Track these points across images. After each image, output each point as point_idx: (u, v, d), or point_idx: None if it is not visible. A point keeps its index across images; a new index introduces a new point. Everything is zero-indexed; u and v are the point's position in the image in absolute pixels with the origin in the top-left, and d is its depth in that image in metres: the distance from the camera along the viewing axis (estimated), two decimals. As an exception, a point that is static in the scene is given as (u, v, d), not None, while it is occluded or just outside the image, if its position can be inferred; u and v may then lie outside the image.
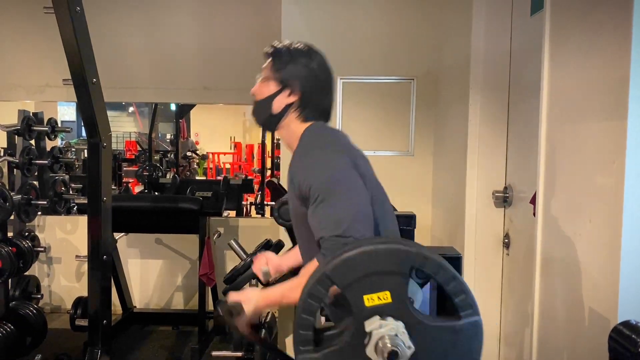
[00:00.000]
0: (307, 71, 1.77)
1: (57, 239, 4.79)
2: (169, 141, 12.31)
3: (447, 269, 1.18)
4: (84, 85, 2.45)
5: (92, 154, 2.54)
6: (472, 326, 1.19)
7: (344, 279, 1.18)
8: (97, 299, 2.61)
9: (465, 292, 1.19)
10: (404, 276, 1.18)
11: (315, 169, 1.63)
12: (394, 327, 1.15)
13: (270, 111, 1.78)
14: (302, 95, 1.76)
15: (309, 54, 1.81)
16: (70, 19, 2.36)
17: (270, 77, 1.78)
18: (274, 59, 1.79)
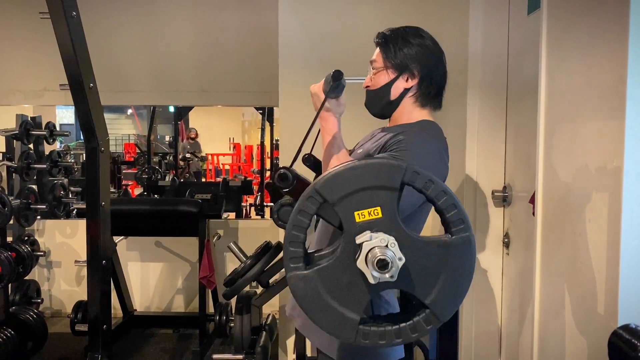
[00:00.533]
0: (423, 51, 1.75)
1: (56, 243, 4.79)
2: (168, 143, 12.31)
3: (437, 183, 1.16)
4: (81, 90, 2.45)
5: (90, 158, 2.54)
6: (462, 240, 1.18)
7: (334, 194, 1.17)
8: (97, 304, 2.61)
9: (457, 207, 1.17)
10: (394, 191, 1.17)
11: (423, 146, 1.61)
12: (384, 239, 1.14)
13: (388, 98, 1.77)
14: (421, 77, 1.75)
15: (419, 33, 1.79)
16: (66, 23, 2.36)
17: (386, 66, 1.75)
18: (386, 47, 1.76)
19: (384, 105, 1.78)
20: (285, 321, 3.60)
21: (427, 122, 1.77)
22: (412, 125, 1.73)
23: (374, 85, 1.79)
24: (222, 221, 4.71)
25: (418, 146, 1.60)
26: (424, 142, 1.64)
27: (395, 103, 1.77)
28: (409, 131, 1.66)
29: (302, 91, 3.51)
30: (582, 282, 1.66)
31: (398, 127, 1.74)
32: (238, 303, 3.06)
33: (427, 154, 1.62)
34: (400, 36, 1.76)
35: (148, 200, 5.50)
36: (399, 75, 1.74)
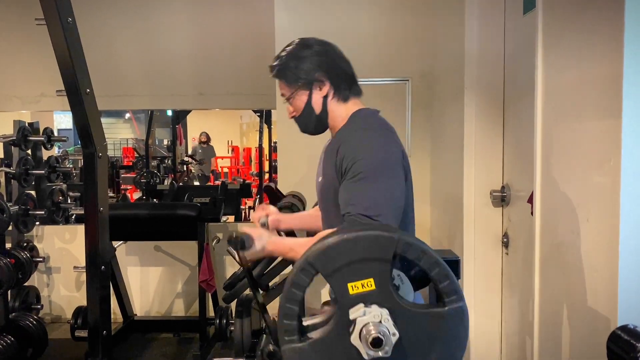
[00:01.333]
0: (316, 57, 1.78)
1: (55, 249, 4.77)
2: (166, 147, 12.30)
3: (430, 254, 1.17)
4: (78, 96, 2.45)
5: (87, 164, 2.54)
6: (456, 312, 1.18)
7: (327, 266, 1.17)
8: (97, 310, 2.60)
9: (449, 278, 1.17)
10: (387, 262, 1.17)
11: (367, 146, 1.64)
12: (377, 314, 1.14)
13: (315, 114, 1.80)
14: (329, 79, 1.78)
15: (304, 43, 1.82)
16: (62, 29, 2.36)
17: (295, 90, 1.79)
18: (284, 75, 1.80)
19: (316, 122, 1.82)
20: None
21: (356, 114, 1.79)
22: (345, 128, 1.76)
23: (297, 112, 1.83)
24: (221, 224, 4.70)
25: (361, 149, 1.63)
26: (363, 139, 1.66)
27: (323, 114, 1.81)
28: (346, 139, 1.69)
29: (299, 93, 3.54)
30: (581, 281, 1.66)
31: (337, 139, 1.76)
32: (238, 306, 3.05)
33: (373, 149, 1.63)
34: (290, 58, 1.80)
35: (147, 205, 5.49)
36: (311, 90, 1.78)
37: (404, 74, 3.59)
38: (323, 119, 1.81)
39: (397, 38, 3.59)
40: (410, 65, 3.58)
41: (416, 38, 3.57)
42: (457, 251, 3.01)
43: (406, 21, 3.59)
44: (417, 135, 3.62)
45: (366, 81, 3.52)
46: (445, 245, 3.31)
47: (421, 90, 3.59)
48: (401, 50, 3.58)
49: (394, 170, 1.62)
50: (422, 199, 3.63)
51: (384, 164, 1.61)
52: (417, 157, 3.62)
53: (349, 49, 3.53)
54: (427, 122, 3.61)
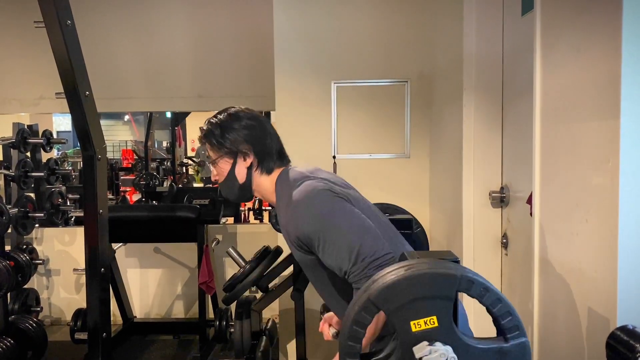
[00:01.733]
0: (244, 130, 1.83)
1: (55, 251, 4.78)
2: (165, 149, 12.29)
3: (492, 291, 1.18)
4: (77, 99, 2.45)
5: (87, 166, 2.53)
6: (519, 347, 1.19)
7: (390, 304, 1.18)
8: (96, 312, 2.60)
9: (512, 313, 1.19)
10: (450, 300, 1.18)
11: (300, 215, 1.67)
12: (443, 353, 1.15)
13: (238, 183, 1.84)
14: (255, 153, 1.83)
15: (234, 116, 1.86)
16: (61, 32, 2.35)
17: (219, 156, 1.84)
18: (210, 141, 1.85)
19: (240, 191, 1.86)
20: (285, 326, 3.60)
21: (279, 183, 1.83)
22: (282, 207, 1.78)
23: (220, 177, 1.88)
24: (220, 226, 4.71)
25: (315, 222, 1.64)
26: (308, 209, 1.67)
27: (247, 184, 1.85)
28: (292, 223, 1.70)
29: (298, 95, 3.55)
30: (581, 282, 1.67)
31: (282, 217, 1.78)
32: (238, 308, 3.06)
33: (318, 215, 1.65)
34: (218, 126, 1.84)
35: (146, 207, 5.49)
36: (236, 159, 1.83)
37: (403, 75, 3.59)
38: (247, 188, 1.85)
39: (396, 39, 3.59)
40: (409, 66, 3.58)
41: (415, 39, 3.57)
42: (457, 252, 3.00)
43: (405, 22, 3.59)
44: (416, 137, 3.63)
45: (365, 82, 3.57)
46: (445, 246, 3.32)
47: (420, 91, 3.59)
48: (400, 51, 3.59)
49: (337, 211, 1.64)
50: (421, 199, 3.63)
51: (323, 217, 1.63)
52: (416, 158, 3.62)
53: (348, 50, 3.58)
54: (426, 123, 3.61)
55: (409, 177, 3.64)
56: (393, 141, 3.64)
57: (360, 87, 3.59)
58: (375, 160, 3.59)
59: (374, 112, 3.62)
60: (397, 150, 3.64)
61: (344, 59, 3.59)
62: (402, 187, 3.61)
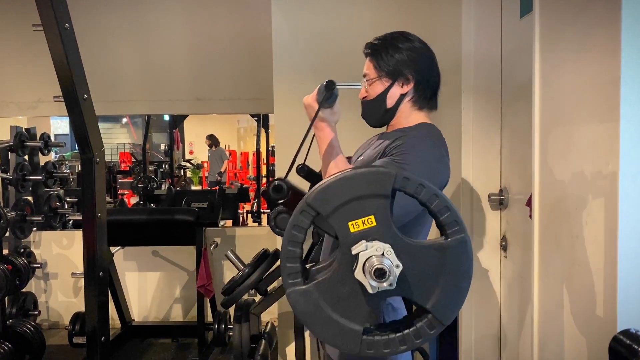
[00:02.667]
0: (414, 54, 1.75)
1: (53, 255, 4.77)
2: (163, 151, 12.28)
3: (428, 187, 1.16)
4: (76, 102, 2.44)
5: (85, 170, 2.53)
6: (459, 243, 1.18)
7: (327, 206, 1.16)
8: (95, 316, 2.59)
9: (450, 209, 1.17)
10: (386, 198, 1.17)
11: (423, 152, 1.61)
12: (380, 247, 1.14)
13: (385, 106, 1.76)
14: (416, 81, 1.75)
15: (407, 37, 1.78)
16: (59, 35, 2.35)
17: (378, 76, 1.75)
18: (377, 56, 1.75)
19: (382, 115, 1.77)
20: (284, 328, 3.59)
21: (425, 125, 1.76)
22: (410, 129, 1.73)
23: (370, 96, 1.78)
24: (219, 229, 4.70)
25: (418, 149, 1.60)
26: (424, 145, 1.64)
27: (392, 110, 1.76)
28: (408, 135, 1.66)
29: (296, 97, 3.52)
30: (581, 284, 1.66)
31: (396, 132, 1.74)
32: (237, 311, 3.06)
33: (428, 157, 1.61)
34: (389, 43, 1.76)
35: (144, 210, 5.49)
36: (394, 82, 1.74)
37: (402, 78, 3.58)
38: (390, 115, 1.77)
39: (394, 42, 3.58)
40: (407, 68, 3.57)
41: (413, 42, 3.56)
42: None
43: (403, 24, 3.56)
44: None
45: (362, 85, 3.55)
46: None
47: (418, 93, 3.58)
48: (398, 54, 3.57)
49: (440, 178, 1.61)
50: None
51: (427, 174, 1.56)
52: (414, 160, 3.61)
53: (347, 51, 3.56)
54: (425, 125, 3.60)
55: (407, 180, 3.62)
56: None
57: (359, 90, 3.58)
58: (373, 163, 3.58)
59: (372, 114, 3.61)
60: (396, 152, 3.62)
61: (343, 62, 3.58)
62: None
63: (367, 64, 1.79)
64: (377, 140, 1.78)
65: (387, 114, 1.77)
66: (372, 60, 1.77)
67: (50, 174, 3.98)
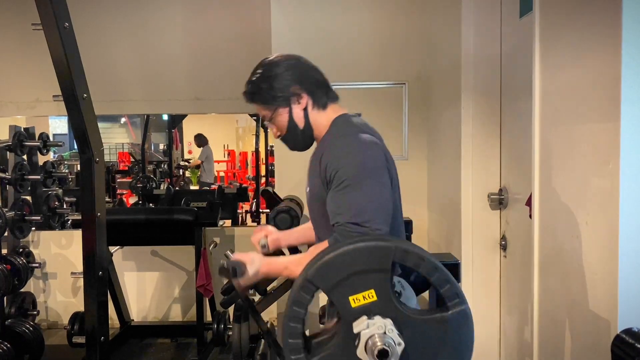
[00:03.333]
0: (288, 72, 1.77)
1: (52, 254, 4.75)
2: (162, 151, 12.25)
3: (428, 260, 1.17)
4: (75, 101, 2.43)
5: (84, 169, 2.52)
6: (460, 315, 1.18)
7: (327, 282, 1.17)
8: (94, 316, 2.59)
9: (450, 282, 1.18)
10: (386, 272, 1.17)
11: (348, 153, 1.63)
12: (381, 325, 1.14)
13: (299, 129, 1.78)
14: (307, 91, 1.76)
15: (272, 62, 1.80)
16: (58, 35, 2.34)
17: (274, 109, 1.77)
18: (259, 99, 1.79)
19: (303, 137, 1.80)
20: (283, 328, 3.59)
21: (336, 121, 1.78)
22: (327, 135, 1.75)
23: (282, 131, 1.81)
24: (218, 229, 4.69)
25: (343, 158, 1.61)
26: (343, 148, 1.65)
27: (307, 127, 1.79)
28: (329, 147, 1.67)
29: (296, 97, 3.53)
30: (581, 284, 1.66)
31: (320, 146, 1.76)
32: (236, 311, 3.04)
33: (355, 157, 1.62)
34: (259, 79, 1.78)
35: (143, 210, 5.47)
36: (290, 106, 1.76)
37: (401, 78, 3.59)
38: (308, 132, 1.79)
39: (393, 41, 3.59)
40: (406, 68, 3.58)
41: (413, 41, 3.57)
42: (455, 254, 3.01)
43: (403, 25, 3.59)
44: (414, 139, 3.62)
45: (363, 85, 3.56)
46: (443, 248, 3.31)
47: (418, 93, 3.59)
48: (398, 54, 3.58)
49: (377, 175, 1.61)
50: (419, 202, 3.63)
51: (366, 169, 1.59)
52: (414, 160, 3.62)
53: (346, 53, 3.57)
54: (424, 125, 3.61)
55: (407, 180, 3.59)
56: (391, 143, 3.53)
57: (358, 90, 3.59)
58: (373, 163, 3.58)
59: (371, 114, 3.58)
60: (395, 152, 3.57)
61: (342, 62, 3.59)
62: (401, 189, 3.59)
63: (258, 109, 1.83)
64: (313, 161, 1.78)
65: (306, 133, 1.79)
66: (258, 104, 1.80)
67: (49, 174, 3.96)
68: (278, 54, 1.83)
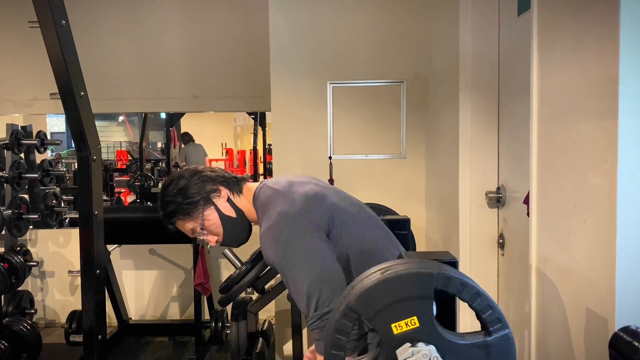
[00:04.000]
0: (195, 178, 1.81)
1: (49, 253, 4.75)
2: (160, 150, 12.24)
3: (471, 286, 1.18)
4: (72, 99, 2.43)
5: (82, 167, 2.51)
6: (502, 340, 1.19)
7: (369, 309, 1.18)
8: (92, 315, 2.58)
9: (492, 307, 1.19)
10: (428, 299, 1.18)
11: (268, 242, 1.68)
12: (426, 353, 1.15)
13: (234, 219, 1.82)
14: (221, 184, 1.82)
15: (175, 179, 1.83)
16: (55, 32, 2.33)
17: (200, 216, 1.79)
18: (180, 212, 1.80)
19: (242, 225, 1.86)
20: (281, 326, 3.59)
21: (257, 200, 1.82)
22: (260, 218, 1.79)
23: (218, 233, 1.84)
24: (216, 227, 4.69)
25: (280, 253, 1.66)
26: (274, 238, 1.68)
27: (239, 214, 1.84)
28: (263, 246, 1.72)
29: (293, 95, 3.54)
30: (578, 283, 1.66)
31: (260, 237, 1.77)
32: (234, 309, 3.04)
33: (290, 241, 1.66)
34: (175, 196, 1.80)
35: (141, 208, 5.48)
36: (213, 206, 1.80)
37: (399, 76, 3.59)
38: (244, 219, 1.84)
39: (391, 39, 3.59)
40: (405, 66, 3.58)
41: (411, 39, 3.57)
42: (453, 253, 2.98)
43: (401, 23, 3.59)
44: (412, 137, 3.62)
45: (361, 83, 3.56)
46: (441, 246, 3.31)
47: (416, 91, 3.59)
48: (396, 52, 3.58)
49: (298, 246, 1.64)
50: (417, 200, 3.63)
51: (286, 251, 1.64)
52: (412, 159, 3.62)
53: (344, 51, 3.57)
54: (422, 123, 3.60)
55: (404, 178, 3.63)
56: (389, 142, 3.64)
57: (356, 88, 3.59)
58: (371, 161, 3.58)
59: (369, 112, 3.61)
60: (393, 150, 3.63)
61: (340, 60, 3.59)
62: (398, 187, 3.60)
63: (185, 229, 1.85)
64: None
65: (243, 220, 1.85)
66: (182, 220, 1.82)
67: (47, 172, 3.96)
68: (173, 174, 1.88)
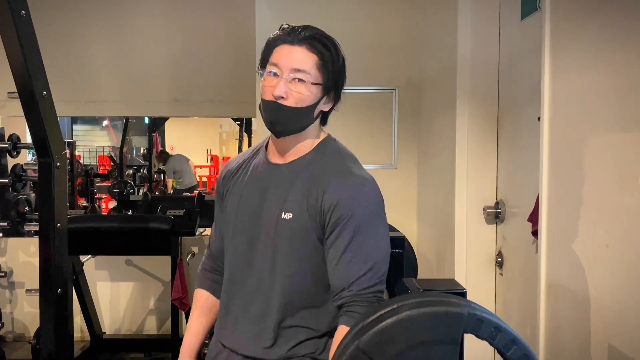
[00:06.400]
0: (343, 67, 1.45)
1: (20, 263, 4.52)
2: (142, 155, 12.00)
3: (506, 331, 0.98)
4: (32, 99, 2.18)
5: (42, 175, 2.26)
6: None
7: (384, 354, 0.96)
8: (51, 341, 2.33)
9: (529, 356, 0.99)
10: (455, 344, 0.98)
11: (360, 192, 1.37)
12: None
13: (305, 120, 1.41)
14: (336, 98, 1.46)
15: (337, 43, 1.47)
16: (13, 24, 2.07)
17: (319, 80, 1.39)
18: (323, 56, 1.39)
19: (297, 126, 1.42)
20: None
21: (332, 144, 1.50)
22: (329, 163, 1.44)
23: (295, 102, 1.38)
24: (197, 238, 4.50)
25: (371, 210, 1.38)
26: (370, 194, 1.40)
27: (310, 124, 1.45)
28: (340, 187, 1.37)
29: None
30: (598, 313, 1.48)
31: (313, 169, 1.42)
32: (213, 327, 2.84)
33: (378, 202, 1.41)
34: (333, 44, 1.43)
35: (117, 217, 5.27)
36: (322, 97, 1.42)
37: (391, 82, 3.44)
38: (304, 128, 1.43)
39: (383, 44, 3.45)
40: (397, 73, 3.44)
41: (403, 44, 3.43)
42: (448, 271, 2.84)
43: (393, 27, 3.44)
44: (404, 147, 3.48)
45: (350, 89, 3.36)
46: (434, 264, 3.13)
47: (408, 99, 3.45)
48: (388, 57, 3.44)
49: (386, 226, 1.43)
50: (408, 213, 3.48)
51: (378, 211, 1.40)
52: (403, 169, 3.48)
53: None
54: (414, 132, 3.46)
55: (396, 189, 3.48)
56: (379, 151, 3.49)
57: (345, 95, 3.40)
58: (361, 171, 3.41)
59: (359, 120, 3.45)
60: (384, 160, 3.48)
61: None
62: (389, 199, 3.34)
63: (305, 55, 1.40)
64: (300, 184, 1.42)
65: (303, 127, 1.44)
66: (316, 55, 1.40)
67: (19, 177, 3.77)
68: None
